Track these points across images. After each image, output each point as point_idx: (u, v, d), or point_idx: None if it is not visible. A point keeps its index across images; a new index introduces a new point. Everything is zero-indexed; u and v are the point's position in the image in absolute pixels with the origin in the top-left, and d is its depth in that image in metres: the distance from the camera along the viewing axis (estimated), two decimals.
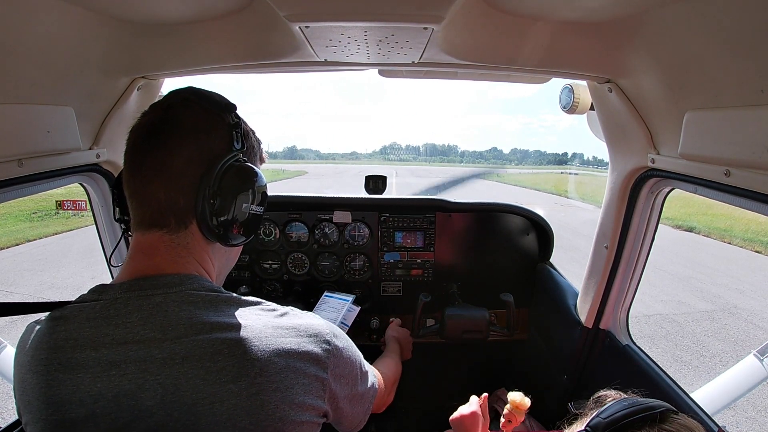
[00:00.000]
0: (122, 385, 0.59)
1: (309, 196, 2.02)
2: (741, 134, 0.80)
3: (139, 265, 0.68)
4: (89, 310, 0.64)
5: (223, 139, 0.72)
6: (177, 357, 0.60)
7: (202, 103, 0.72)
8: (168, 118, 0.70)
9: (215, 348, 0.61)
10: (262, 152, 0.88)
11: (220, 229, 0.71)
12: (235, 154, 0.73)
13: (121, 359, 0.60)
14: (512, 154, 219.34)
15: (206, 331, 0.62)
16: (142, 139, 0.69)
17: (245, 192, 0.74)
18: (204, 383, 0.59)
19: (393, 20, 0.89)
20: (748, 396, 2.75)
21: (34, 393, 0.61)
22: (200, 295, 0.66)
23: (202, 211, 0.69)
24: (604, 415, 0.74)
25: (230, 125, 0.73)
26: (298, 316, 0.73)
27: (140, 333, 0.61)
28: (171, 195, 0.68)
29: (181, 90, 0.74)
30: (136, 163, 0.69)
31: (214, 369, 0.60)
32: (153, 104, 0.73)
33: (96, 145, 1.25)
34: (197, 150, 0.69)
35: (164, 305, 0.63)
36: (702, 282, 7.48)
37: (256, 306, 0.71)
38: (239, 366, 0.61)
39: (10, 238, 9.32)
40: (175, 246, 0.69)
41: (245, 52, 1.12)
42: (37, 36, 0.85)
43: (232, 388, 0.60)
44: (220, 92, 0.75)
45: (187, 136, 0.69)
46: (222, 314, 0.65)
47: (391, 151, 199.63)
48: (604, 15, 0.91)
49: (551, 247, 2.05)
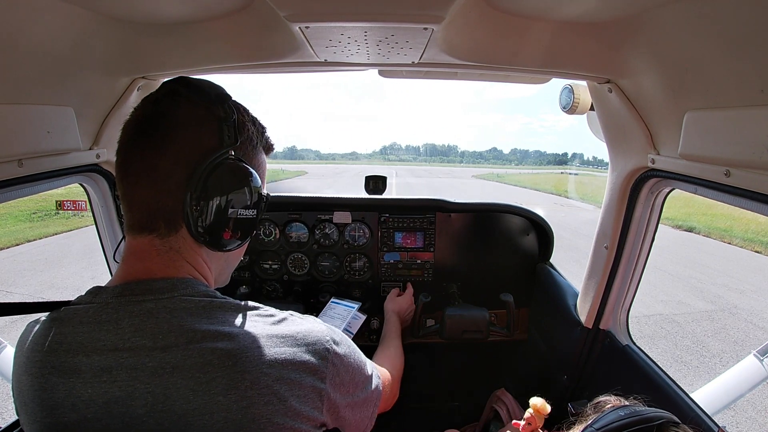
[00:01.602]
0: (113, 392, 0.58)
1: (309, 196, 2.02)
2: (741, 134, 0.80)
3: (131, 269, 0.66)
4: (83, 313, 0.63)
5: (213, 134, 0.67)
6: (167, 366, 0.58)
7: (189, 96, 0.67)
8: (155, 114, 0.66)
9: (205, 358, 0.59)
10: (266, 141, 0.81)
11: (206, 236, 0.67)
12: (224, 152, 0.67)
13: (113, 366, 0.59)
14: (512, 154, 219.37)
15: (197, 339, 0.60)
16: (129, 137, 0.66)
17: (233, 193, 0.68)
18: (194, 394, 0.58)
19: (393, 20, 0.89)
20: (748, 396, 2.76)
21: (30, 394, 0.61)
22: (193, 301, 0.64)
23: (187, 216, 0.65)
24: (599, 425, 0.71)
25: (220, 118, 0.67)
26: (296, 323, 0.70)
27: (131, 340, 0.60)
28: (159, 197, 0.64)
29: (171, 81, 0.69)
30: (125, 163, 0.66)
31: (204, 380, 0.58)
32: (144, 98, 0.69)
33: (96, 145, 1.25)
34: (184, 148, 0.65)
35: (156, 312, 0.61)
36: (702, 282, 7.48)
37: (253, 312, 0.67)
38: (229, 378, 0.58)
39: (10, 238, 9.32)
40: (166, 250, 0.67)
41: (245, 52, 1.12)
42: (37, 36, 0.85)
43: (222, 400, 0.58)
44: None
45: (173, 133, 0.65)
46: (215, 322, 0.62)
47: (391, 152, 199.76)
48: (604, 15, 0.91)
49: (551, 247, 2.04)
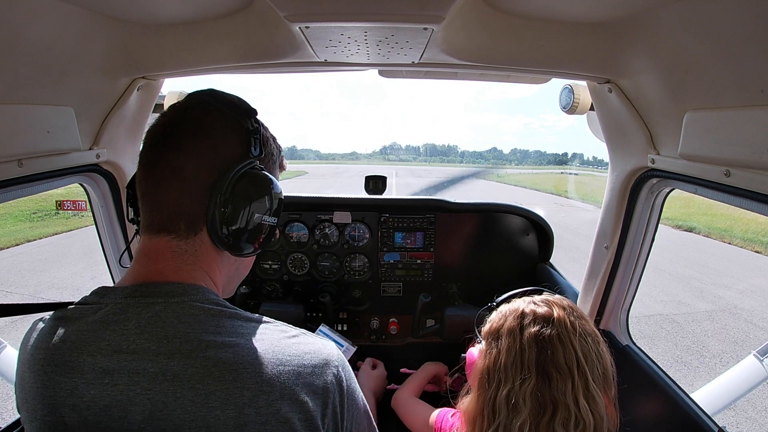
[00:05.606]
0: (114, 395, 0.58)
1: (309, 196, 2.02)
2: (741, 134, 0.80)
3: (143, 270, 0.67)
4: (90, 313, 0.63)
5: (240, 144, 0.70)
6: (168, 373, 0.58)
7: (220, 107, 0.70)
8: (184, 120, 0.69)
9: (207, 369, 0.58)
10: (282, 160, 0.85)
11: (229, 239, 0.68)
12: (251, 161, 0.70)
13: (115, 368, 0.58)
14: (512, 154, 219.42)
15: (201, 348, 0.59)
16: (156, 140, 0.68)
17: (259, 200, 0.71)
18: (192, 405, 0.57)
19: (393, 20, 0.89)
20: (748, 396, 2.76)
21: (32, 392, 0.61)
22: (203, 308, 0.63)
23: (212, 218, 0.66)
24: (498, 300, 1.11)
25: (248, 131, 0.71)
26: (307, 342, 0.68)
27: (135, 342, 0.59)
28: (182, 199, 0.66)
29: (201, 92, 0.73)
30: (150, 163, 0.68)
31: (203, 392, 0.57)
32: (172, 105, 0.72)
33: (96, 145, 1.25)
34: (211, 154, 0.67)
35: (163, 315, 0.61)
36: (702, 282, 7.48)
37: (263, 325, 0.66)
38: (228, 392, 0.57)
39: (10, 238, 9.33)
40: (182, 253, 0.67)
41: (245, 52, 1.12)
42: (37, 36, 0.85)
43: (219, 415, 0.57)
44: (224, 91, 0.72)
45: (202, 139, 0.68)
46: (222, 332, 0.62)
47: (391, 152, 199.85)
48: (604, 15, 0.91)
49: (551, 248, 2.05)
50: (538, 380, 0.84)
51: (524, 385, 0.84)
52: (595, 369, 0.86)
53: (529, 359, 0.85)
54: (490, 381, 0.89)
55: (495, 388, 0.87)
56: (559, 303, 0.92)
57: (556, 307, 0.91)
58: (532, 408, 0.83)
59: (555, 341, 0.85)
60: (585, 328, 0.89)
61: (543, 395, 0.83)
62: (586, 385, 0.83)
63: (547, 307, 0.91)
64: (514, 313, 0.92)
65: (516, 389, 0.84)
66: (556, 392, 0.82)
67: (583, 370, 0.84)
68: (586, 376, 0.84)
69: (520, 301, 0.96)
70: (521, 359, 0.86)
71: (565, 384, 0.82)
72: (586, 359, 0.85)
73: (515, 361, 0.86)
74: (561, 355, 0.84)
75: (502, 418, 0.85)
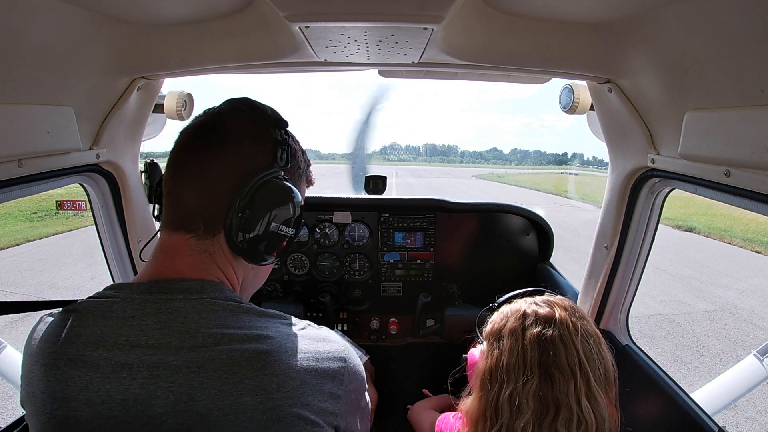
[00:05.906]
0: (132, 389, 0.58)
1: (309, 196, 2.02)
2: (741, 134, 0.80)
3: (161, 267, 0.68)
4: (105, 307, 0.63)
5: (267, 153, 0.72)
6: (192, 365, 0.59)
7: (251, 114, 0.72)
8: (215, 123, 0.71)
9: (233, 360, 0.60)
10: (310, 174, 0.88)
11: (245, 245, 0.69)
12: (275, 170, 0.71)
13: (134, 362, 0.59)
14: (512, 154, 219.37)
15: (225, 342, 0.61)
16: (186, 140, 0.71)
17: (277, 209, 0.71)
18: (220, 394, 0.58)
19: (393, 20, 0.90)
20: (748, 396, 2.76)
21: (40, 385, 0.60)
22: (222, 305, 0.65)
23: (230, 223, 0.68)
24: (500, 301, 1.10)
25: (277, 141, 0.73)
26: (315, 332, 0.72)
27: (156, 337, 0.60)
28: (203, 200, 0.68)
29: (235, 99, 0.75)
30: (177, 163, 0.70)
31: (232, 381, 0.59)
32: (206, 109, 0.75)
33: (96, 145, 1.25)
34: (237, 159, 0.69)
35: (183, 311, 0.62)
36: (702, 282, 7.48)
37: (277, 319, 0.69)
38: (257, 380, 0.60)
39: (10, 238, 9.33)
40: (200, 252, 0.68)
41: (245, 52, 1.12)
42: (37, 36, 0.85)
43: (248, 401, 0.59)
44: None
45: (230, 144, 0.69)
46: (243, 326, 0.63)
47: (391, 152, 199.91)
48: (604, 15, 0.91)
49: (551, 248, 2.05)
50: (541, 381, 0.84)
51: (527, 385, 0.84)
52: (597, 369, 0.86)
53: (531, 360, 0.85)
54: (492, 382, 0.89)
55: (497, 389, 0.87)
56: (561, 304, 0.92)
57: (557, 308, 0.91)
58: (535, 409, 0.83)
59: (557, 342, 0.86)
60: (587, 329, 0.89)
61: (546, 396, 0.83)
62: (588, 386, 0.83)
63: (549, 307, 0.91)
64: (516, 314, 0.92)
65: (519, 390, 0.84)
66: (558, 393, 0.83)
67: (585, 371, 0.84)
68: (588, 376, 0.84)
69: (521, 301, 0.96)
70: (524, 360, 0.86)
71: (568, 385, 0.83)
72: (588, 360, 0.85)
73: (518, 362, 0.86)
74: (563, 356, 0.84)
75: (505, 419, 0.85)
